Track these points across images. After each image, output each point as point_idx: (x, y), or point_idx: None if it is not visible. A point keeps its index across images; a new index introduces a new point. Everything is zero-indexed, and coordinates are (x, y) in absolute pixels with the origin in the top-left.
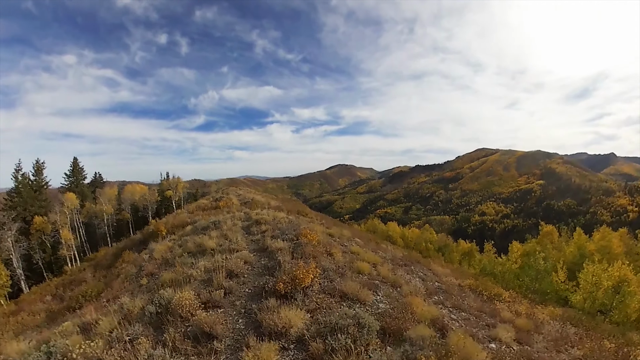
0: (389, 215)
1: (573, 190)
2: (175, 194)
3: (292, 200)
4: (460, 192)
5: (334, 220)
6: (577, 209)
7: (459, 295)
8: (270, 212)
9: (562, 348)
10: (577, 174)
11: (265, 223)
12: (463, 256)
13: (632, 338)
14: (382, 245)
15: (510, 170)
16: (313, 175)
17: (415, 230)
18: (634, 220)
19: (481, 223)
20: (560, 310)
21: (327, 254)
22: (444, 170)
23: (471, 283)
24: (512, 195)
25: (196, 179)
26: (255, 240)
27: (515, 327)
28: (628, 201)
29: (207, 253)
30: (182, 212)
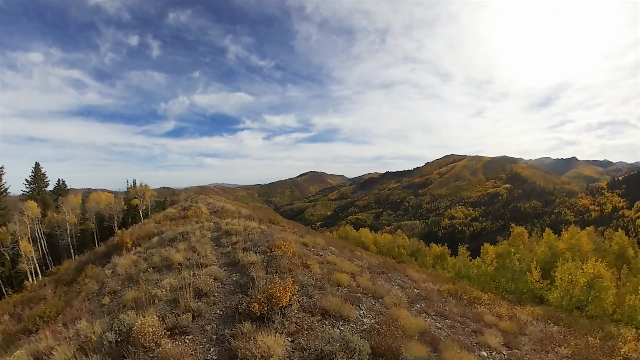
0: (360, 221)
1: (538, 193)
2: (143, 202)
3: (263, 209)
4: (430, 197)
5: (306, 228)
6: (542, 210)
7: (439, 302)
8: (241, 221)
9: (549, 348)
10: (541, 177)
11: (236, 234)
12: (436, 260)
13: (611, 331)
14: (357, 253)
15: (478, 175)
16: (284, 183)
17: (387, 235)
18: (596, 218)
19: (451, 227)
20: (540, 309)
21: (303, 266)
22: (414, 177)
23: (449, 288)
24: (480, 199)
25: (165, 187)
26: (226, 253)
27: (500, 331)
28: (590, 201)
29: (174, 268)
30: (149, 222)
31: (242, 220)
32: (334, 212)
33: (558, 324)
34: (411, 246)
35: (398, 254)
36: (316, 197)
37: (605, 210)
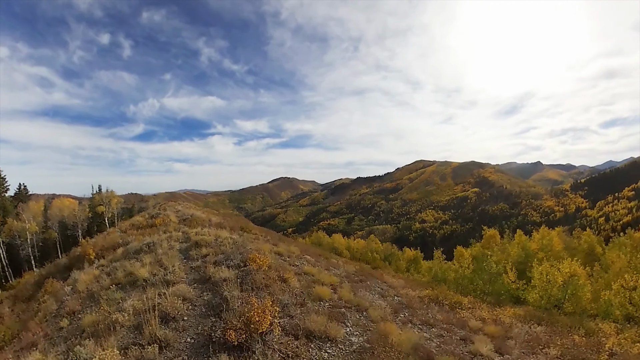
0: (332, 227)
1: (505, 196)
2: (109, 210)
3: (235, 216)
4: (401, 201)
5: (278, 235)
6: (509, 212)
7: (422, 309)
8: (211, 230)
9: (538, 349)
10: (508, 181)
11: (206, 245)
12: (409, 263)
13: (591, 327)
14: (333, 261)
15: (447, 180)
16: (255, 189)
17: (360, 241)
18: (561, 218)
19: (422, 230)
20: (520, 310)
21: (280, 280)
22: (385, 182)
23: (429, 293)
24: (449, 202)
25: (133, 193)
26: (196, 268)
27: (487, 336)
28: (554, 203)
29: (139, 285)
30: (115, 231)
31: (213, 229)
32: (306, 218)
33: (541, 324)
34: (384, 251)
35: (372, 259)
36: (288, 203)
37: (569, 211)
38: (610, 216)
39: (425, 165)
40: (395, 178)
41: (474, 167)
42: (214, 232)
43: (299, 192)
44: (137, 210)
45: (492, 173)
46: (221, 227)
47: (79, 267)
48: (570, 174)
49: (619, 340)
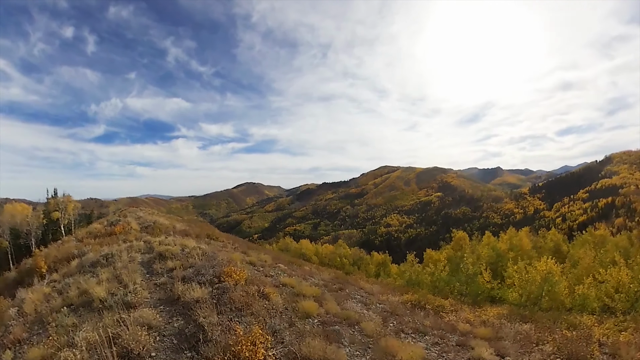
0: (298, 232)
1: (467, 200)
2: (65, 216)
3: (199, 222)
4: (366, 206)
5: (246, 243)
6: (471, 215)
7: (408, 316)
8: (177, 239)
9: (532, 348)
10: (469, 185)
11: (172, 257)
12: (378, 267)
13: (572, 321)
14: (306, 268)
15: (411, 185)
16: (220, 194)
17: (329, 246)
18: (520, 220)
19: (387, 234)
20: (504, 309)
21: (260, 296)
22: (350, 187)
23: (410, 298)
24: (413, 207)
25: (92, 198)
26: (161, 285)
27: (480, 339)
28: (514, 205)
29: (95, 308)
30: (70, 240)
31: (178, 237)
32: (272, 224)
33: (526, 322)
34: (353, 255)
35: (341, 264)
36: (253, 209)
37: (528, 213)
38: (566, 216)
39: (390, 171)
40: (360, 183)
41: (437, 172)
42: (179, 241)
43: (264, 198)
44: (97, 217)
45: (455, 178)
46: (186, 234)
47: (29, 283)
48: (528, 178)
49: (604, 331)
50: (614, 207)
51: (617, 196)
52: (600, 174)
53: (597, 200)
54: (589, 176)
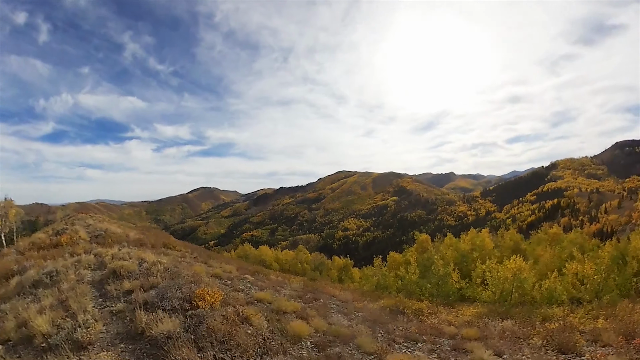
0: (255, 238)
1: (422, 203)
2: (5, 223)
3: (154, 230)
4: (324, 211)
5: (206, 251)
6: (426, 218)
7: (391, 323)
8: (131, 251)
9: (522, 343)
10: (424, 190)
11: (128, 275)
12: (340, 272)
13: (547, 313)
14: (273, 277)
15: (368, 189)
16: (174, 199)
17: (289, 252)
18: (473, 221)
19: (345, 238)
20: (484, 308)
21: (241, 320)
22: (307, 192)
23: (387, 303)
24: (370, 211)
25: (38, 203)
26: (119, 314)
27: (470, 340)
28: (467, 208)
29: (36, 346)
30: (10, 252)
31: (133, 248)
32: (228, 230)
33: (506, 318)
34: (314, 261)
35: (302, 270)
36: (209, 215)
37: (480, 215)
38: (516, 217)
39: (347, 176)
40: (317, 188)
41: (392, 177)
42: (135, 254)
43: (220, 203)
44: (43, 224)
45: (410, 183)
46: (141, 244)
47: None
48: (479, 183)
49: (579, 320)
50: (560, 208)
51: (562, 198)
52: (546, 178)
53: (544, 202)
54: (536, 180)
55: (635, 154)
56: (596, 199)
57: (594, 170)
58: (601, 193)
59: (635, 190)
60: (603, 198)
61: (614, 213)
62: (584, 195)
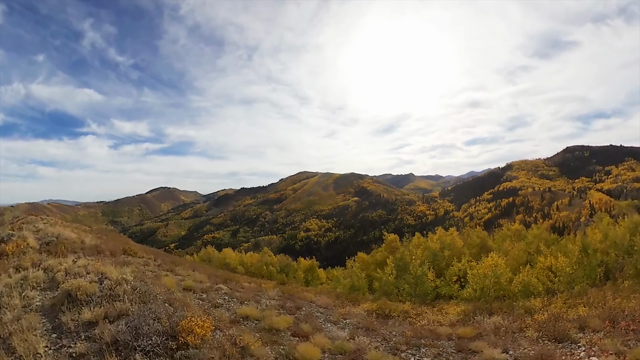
0: (217, 240)
1: (382, 203)
2: None
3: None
4: (285, 212)
5: (169, 256)
6: (387, 218)
7: (384, 329)
8: (89, 262)
9: (519, 336)
10: (384, 190)
11: (88, 300)
12: (307, 273)
13: (527, 305)
14: (246, 284)
15: (329, 190)
16: (132, 200)
17: (254, 254)
18: (432, 220)
19: (307, 238)
20: (470, 305)
21: (240, 352)
22: (269, 192)
23: (370, 307)
24: (332, 211)
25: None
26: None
27: (468, 339)
28: (426, 208)
29: None
30: None
31: (90, 258)
32: (189, 232)
33: (491, 314)
34: (279, 262)
35: (267, 273)
36: (168, 216)
37: (439, 214)
38: (473, 215)
39: (309, 176)
40: (279, 189)
41: (353, 178)
42: (93, 266)
43: (180, 204)
44: None
45: (370, 183)
46: (99, 252)
47: None
48: (438, 183)
49: (559, 310)
50: (515, 206)
51: (517, 196)
52: (502, 178)
53: (500, 200)
54: (492, 180)
55: (584, 158)
56: (548, 197)
57: (547, 171)
58: (553, 192)
59: (584, 190)
60: (555, 196)
61: (565, 210)
62: (537, 194)
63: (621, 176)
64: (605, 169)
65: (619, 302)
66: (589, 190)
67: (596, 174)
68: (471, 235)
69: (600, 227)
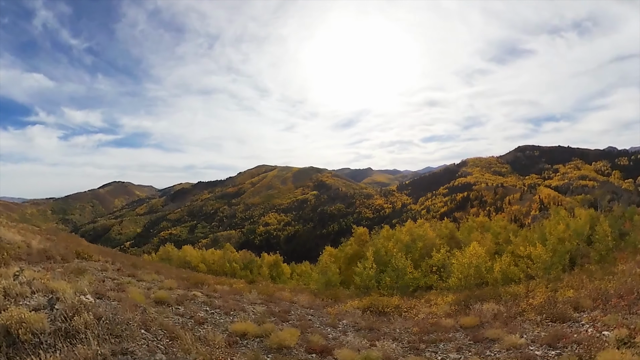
0: (174, 236)
1: (341, 197)
2: None
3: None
4: (244, 206)
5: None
6: (345, 211)
7: (386, 327)
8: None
9: (521, 321)
10: (343, 184)
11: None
12: (271, 269)
13: (512, 291)
14: (218, 287)
15: (288, 183)
16: (84, 196)
17: (216, 251)
18: (390, 213)
19: (266, 233)
20: (461, 295)
21: None
22: (227, 186)
23: (363, 304)
24: (291, 205)
25: None
26: None
27: (470, 327)
28: (384, 201)
29: None
30: None
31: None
32: (145, 229)
33: (484, 301)
34: (242, 259)
35: (231, 270)
36: (123, 212)
37: (396, 207)
38: (430, 208)
39: (267, 170)
40: (237, 182)
41: (312, 172)
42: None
43: (135, 199)
44: None
45: (329, 177)
46: (48, 257)
47: None
48: (396, 177)
49: (545, 292)
50: (469, 200)
51: (471, 191)
52: (457, 174)
53: (455, 194)
54: (448, 175)
55: (534, 156)
56: (501, 192)
57: (499, 168)
58: (505, 187)
59: (533, 186)
60: (507, 192)
61: (517, 204)
62: (490, 189)
63: (568, 174)
64: (553, 167)
65: (599, 284)
66: (538, 187)
67: (545, 172)
68: (441, 227)
69: (560, 219)
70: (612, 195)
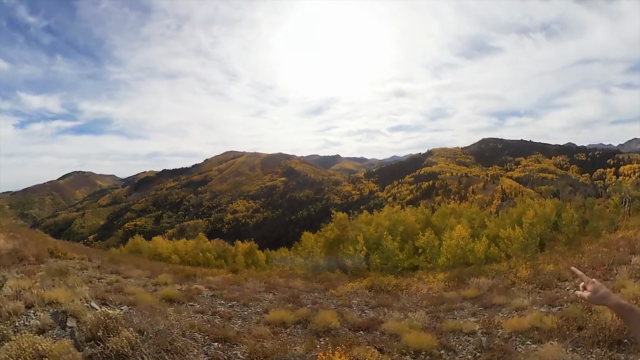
0: (139, 228)
1: (310, 184)
2: None
3: (25, 230)
4: (211, 194)
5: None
6: (314, 197)
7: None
8: (19, 281)
9: (515, 290)
10: (312, 170)
11: None
12: (247, 257)
13: (497, 268)
14: (211, 279)
15: (256, 170)
16: (43, 188)
17: (188, 242)
18: (358, 200)
19: (235, 220)
20: (454, 272)
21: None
22: (193, 174)
23: (365, 284)
24: (259, 191)
25: None
26: None
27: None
28: (352, 188)
29: None
30: None
31: (16, 273)
32: (108, 221)
33: (479, 276)
34: (216, 248)
35: (204, 260)
36: (85, 204)
37: (364, 194)
38: (396, 196)
39: (235, 156)
40: (203, 170)
41: (281, 158)
42: (32, 291)
43: (96, 190)
44: None
45: (298, 164)
46: (20, 258)
47: None
48: (363, 165)
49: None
50: (434, 188)
51: (437, 180)
52: (423, 163)
53: (420, 183)
54: (414, 164)
55: (497, 148)
56: (465, 182)
57: (464, 158)
58: (469, 177)
59: (496, 177)
60: (470, 181)
61: (480, 193)
62: (454, 179)
63: (529, 167)
64: (515, 160)
65: (572, 260)
66: (500, 177)
67: (507, 164)
68: (417, 212)
69: (527, 206)
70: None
